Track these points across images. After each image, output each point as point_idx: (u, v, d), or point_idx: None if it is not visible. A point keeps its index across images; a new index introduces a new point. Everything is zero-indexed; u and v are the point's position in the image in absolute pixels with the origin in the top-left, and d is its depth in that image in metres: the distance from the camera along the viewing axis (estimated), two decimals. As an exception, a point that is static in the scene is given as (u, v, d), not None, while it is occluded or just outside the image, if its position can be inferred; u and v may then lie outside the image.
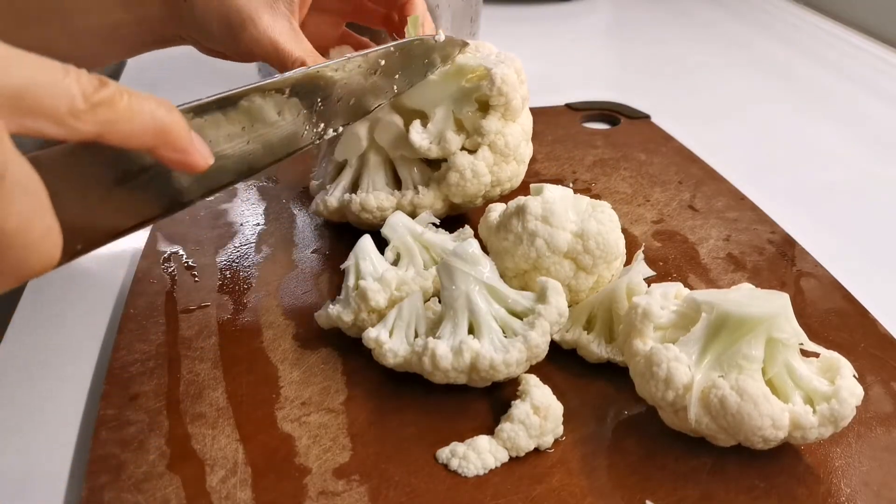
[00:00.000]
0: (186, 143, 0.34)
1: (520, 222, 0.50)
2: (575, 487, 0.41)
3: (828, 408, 0.40)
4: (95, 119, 0.30)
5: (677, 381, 0.40)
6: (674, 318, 0.44)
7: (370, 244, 0.51)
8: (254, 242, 0.61)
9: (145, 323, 0.52)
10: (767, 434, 0.39)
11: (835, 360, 0.42)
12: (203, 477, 0.41)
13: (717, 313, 0.41)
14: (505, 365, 0.43)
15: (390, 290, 0.48)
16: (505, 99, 0.55)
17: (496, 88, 0.55)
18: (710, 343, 0.41)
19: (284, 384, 0.47)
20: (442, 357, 0.43)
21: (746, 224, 0.64)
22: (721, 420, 0.40)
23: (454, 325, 0.45)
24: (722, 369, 0.41)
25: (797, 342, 0.41)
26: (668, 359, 0.41)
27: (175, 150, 0.34)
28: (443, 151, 0.57)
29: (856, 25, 1.17)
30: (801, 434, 0.40)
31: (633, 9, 1.30)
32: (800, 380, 0.41)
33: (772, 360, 0.41)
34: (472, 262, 0.46)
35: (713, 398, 0.40)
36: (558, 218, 0.50)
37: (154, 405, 0.46)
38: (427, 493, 0.40)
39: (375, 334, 0.46)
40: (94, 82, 0.30)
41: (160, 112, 0.33)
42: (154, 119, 0.32)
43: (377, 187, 0.58)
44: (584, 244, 0.49)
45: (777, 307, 0.41)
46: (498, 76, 0.55)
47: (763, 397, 0.39)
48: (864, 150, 0.82)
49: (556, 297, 0.46)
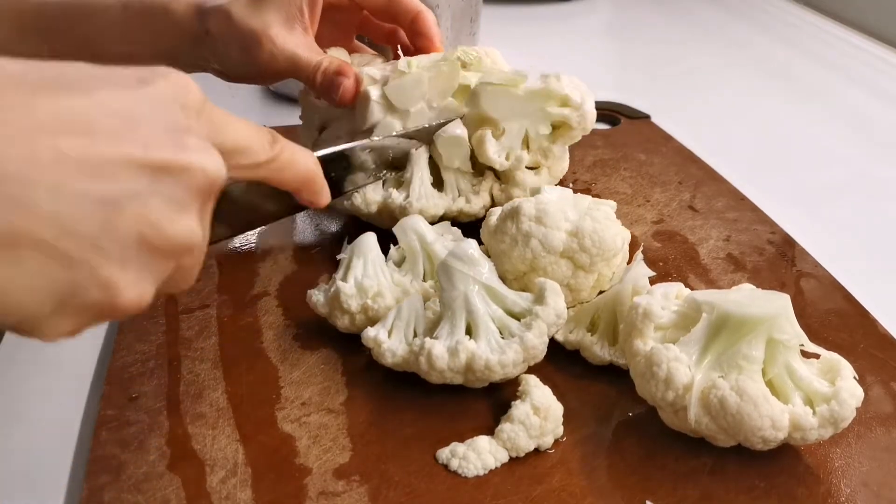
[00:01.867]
0: (321, 188, 0.42)
1: (514, 224, 0.50)
2: (575, 487, 0.41)
3: (828, 409, 0.40)
4: (269, 167, 0.37)
5: (677, 381, 0.40)
6: (674, 318, 0.44)
7: (372, 242, 0.51)
8: (254, 242, 0.61)
9: (145, 323, 0.52)
10: (767, 434, 0.39)
11: (835, 361, 0.42)
12: (203, 477, 0.41)
13: (717, 313, 0.41)
14: (501, 366, 0.43)
15: (365, 298, 0.48)
16: (582, 132, 0.60)
17: (583, 123, 0.59)
18: (710, 343, 0.41)
19: (284, 384, 0.47)
20: (438, 357, 0.43)
21: (746, 224, 0.64)
22: (721, 420, 0.40)
23: (452, 326, 0.45)
24: (722, 370, 0.41)
25: (798, 343, 0.41)
26: (668, 359, 0.41)
27: (313, 193, 0.42)
28: (512, 167, 0.59)
29: (856, 25, 1.17)
30: (800, 435, 0.40)
31: (633, 9, 1.30)
32: (800, 381, 0.41)
33: (772, 360, 0.41)
34: (471, 263, 0.45)
35: (713, 398, 0.40)
36: (552, 218, 0.50)
37: (154, 405, 0.46)
38: (427, 494, 0.40)
39: (374, 333, 0.46)
40: (270, 138, 0.37)
41: (310, 163, 0.40)
42: (306, 169, 0.40)
43: (426, 189, 0.59)
44: (579, 242, 0.49)
45: (778, 308, 0.41)
46: (589, 113, 0.59)
47: (763, 398, 0.39)
48: (864, 150, 0.82)
49: (554, 298, 0.45)
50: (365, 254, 0.51)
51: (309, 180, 0.41)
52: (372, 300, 0.48)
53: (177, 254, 0.31)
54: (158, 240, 0.30)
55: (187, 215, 0.31)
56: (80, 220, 0.28)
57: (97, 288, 0.29)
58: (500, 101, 0.58)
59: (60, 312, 0.29)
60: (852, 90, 0.98)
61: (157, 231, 0.30)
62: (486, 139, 0.58)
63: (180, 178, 0.30)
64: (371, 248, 0.51)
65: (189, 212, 0.31)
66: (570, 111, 0.58)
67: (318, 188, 0.42)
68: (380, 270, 0.50)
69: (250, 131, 0.36)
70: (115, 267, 0.29)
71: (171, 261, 0.31)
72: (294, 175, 0.39)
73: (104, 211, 0.28)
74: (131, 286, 0.30)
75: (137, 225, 0.29)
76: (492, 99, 0.58)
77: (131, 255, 0.29)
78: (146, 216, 0.29)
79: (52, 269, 0.28)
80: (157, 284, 0.31)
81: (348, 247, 0.51)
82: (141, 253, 0.30)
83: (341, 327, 0.50)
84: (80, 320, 0.30)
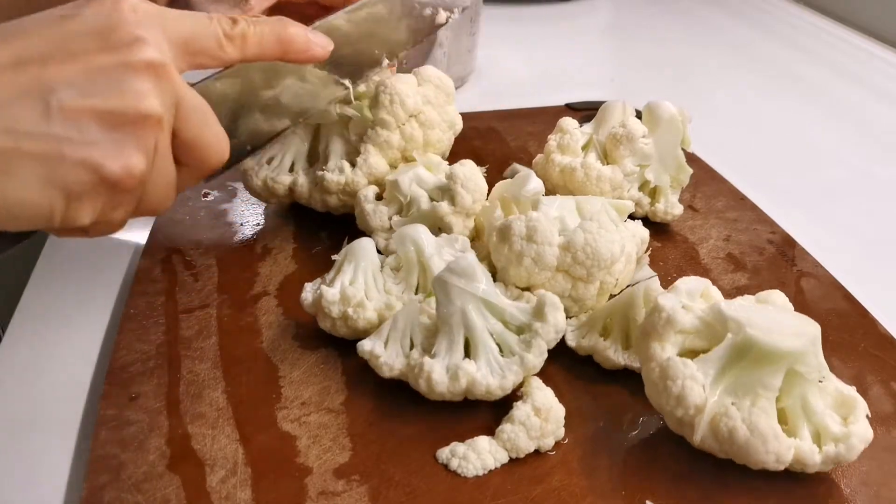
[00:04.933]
0: (305, 43, 0.46)
1: (506, 244, 0.49)
2: (575, 488, 0.41)
3: (834, 450, 0.39)
4: (235, 48, 0.42)
5: (690, 400, 0.39)
6: (697, 324, 0.42)
7: (367, 248, 0.50)
8: (254, 242, 0.61)
9: (145, 323, 0.52)
10: (769, 466, 0.39)
11: (851, 397, 0.41)
12: (203, 477, 0.41)
13: (743, 337, 0.40)
14: (501, 390, 0.43)
15: (346, 306, 0.48)
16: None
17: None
18: (730, 367, 0.40)
19: (284, 384, 0.47)
20: (438, 382, 0.43)
21: (746, 224, 0.64)
22: (726, 447, 0.39)
23: (450, 342, 0.44)
24: (736, 395, 0.39)
25: (819, 376, 0.40)
26: (684, 376, 0.40)
27: (298, 52, 0.46)
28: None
29: (856, 25, 1.17)
30: (801, 468, 0.40)
31: (633, 9, 1.30)
32: (812, 415, 0.40)
33: (789, 391, 0.40)
34: (468, 277, 0.44)
35: (723, 427, 0.39)
36: (542, 234, 0.49)
37: (154, 405, 0.46)
38: (427, 493, 0.40)
39: (370, 347, 0.46)
40: (229, 22, 0.42)
41: (278, 27, 0.45)
42: (276, 34, 0.44)
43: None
44: (573, 256, 0.49)
45: (807, 342, 0.39)
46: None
47: (773, 436, 0.38)
48: (864, 151, 0.82)
49: (554, 313, 0.45)
50: (357, 260, 0.50)
51: (285, 41, 0.45)
52: (353, 310, 0.48)
53: (139, 123, 0.37)
54: (113, 117, 0.36)
55: (137, 93, 0.36)
56: (26, 124, 0.34)
57: (79, 169, 0.36)
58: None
59: (72, 199, 0.36)
60: (852, 90, 0.98)
61: (108, 111, 0.36)
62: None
63: (117, 67, 0.36)
64: (364, 255, 0.50)
65: (137, 90, 0.37)
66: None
67: (303, 44, 0.46)
68: (370, 278, 0.50)
69: (196, 19, 0.41)
70: (83, 148, 0.35)
71: (142, 130, 0.37)
72: (269, 43, 0.44)
73: (45, 109, 0.35)
74: (108, 158, 0.36)
75: (84, 111, 0.35)
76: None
77: (94, 135, 0.36)
78: (89, 102, 0.35)
79: (33, 168, 0.35)
80: (142, 152, 0.37)
81: (345, 249, 0.51)
82: (105, 131, 0.36)
83: (325, 329, 0.50)
84: (96, 201, 0.37)
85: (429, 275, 0.50)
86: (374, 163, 0.58)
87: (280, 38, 0.45)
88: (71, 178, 0.36)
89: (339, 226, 0.62)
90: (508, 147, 0.77)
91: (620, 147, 0.61)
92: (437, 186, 0.56)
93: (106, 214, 0.38)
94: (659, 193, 0.62)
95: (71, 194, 0.36)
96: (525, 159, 0.71)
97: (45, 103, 0.35)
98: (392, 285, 0.50)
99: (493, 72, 0.99)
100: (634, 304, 0.48)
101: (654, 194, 0.63)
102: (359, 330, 0.48)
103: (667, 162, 0.62)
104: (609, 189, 0.60)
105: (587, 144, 0.63)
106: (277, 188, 0.60)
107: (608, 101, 0.64)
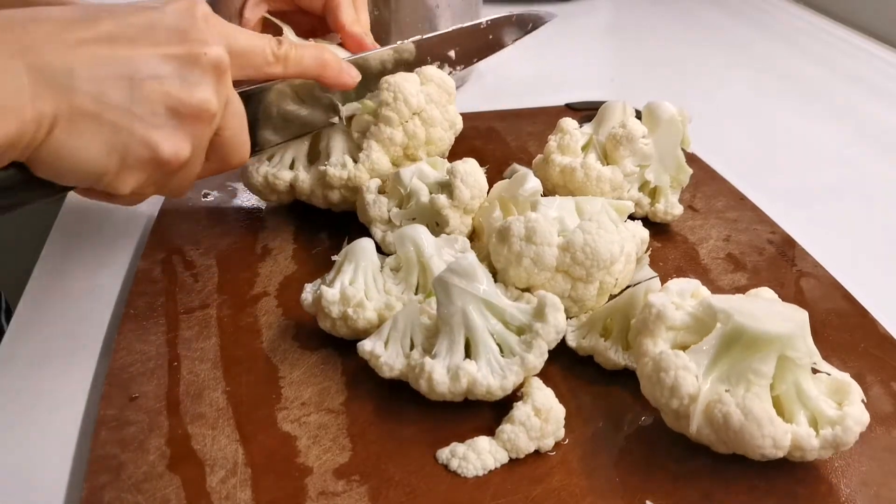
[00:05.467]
0: (338, 70, 0.54)
1: (505, 246, 0.49)
2: (575, 488, 0.41)
3: (831, 433, 0.39)
4: (279, 65, 0.50)
5: (683, 390, 0.40)
6: (688, 320, 0.43)
7: (367, 248, 0.50)
8: (254, 242, 0.61)
9: (145, 323, 0.52)
10: (767, 452, 0.39)
11: (845, 382, 0.41)
12: (203, 477, 0.41)
13: (732, 326, 0.40)
14: (502, 390, 0.43)
15: (346, 306, 0.48)
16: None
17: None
18: (721, 355, 0.40)
19: (284, 384, 0.47)
20: (439, 382, 0.43)
21: (746, 224, 0.64)
22: (722, 434, 0.39)
23: (450, 342, 0.44)
24: (730, 383, 0.40)
25: (810, 362, 0.40)
26: (676, 366, 0.40)
27: (331, 76, 0.54)
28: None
29: (856, 25, 1.17)
30: (801, 454, 0.40)
31: (633, 9, 1.30)
32: (807, 400, 0.40)
33: (781, 377, 0.40)
34: (469, 278, 0.44)
35: (717, 413, 0.39)
36: (541, 235, 0.49)
37: (154, 405, 0.46)
38: (427, 493, 0.40)
39: (370, 347, 0.46)
40: (276, 43, 0.50)
41: (318, 53, 0.53)
42: (315, 59, 0.53)
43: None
44: (572, 256, 0.49)
45: (795, 327, 0.40)
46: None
47: (768, 420, 0.38)
48: (864, 151, 0.82)
49: (554, 314, 0.44)
50: (357, 260, 0.50)
51: (321, 66, 0.53)
52: (353, 310, 0.48)
53: (197, 116, 0.43)
54: (180, 106, 0.42)
55: (201, 88, 0.43)
56: (114, 97, 0.40)
57: (141, 145, 0.41)
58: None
59: (125, 168, 0.42)
60: (852, 90, 0.97)
61: (177, 99, 0.42)
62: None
63: (189, 62, 0.43)
64: (364, 255, 0.50)
65: (202, 85, 0.43)
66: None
67: (336, 71, 0.54)
68: (370, 278, 0.50)
69: (251, 36, 0.48)
70: (150, 128, 0.41)
71: (197, 123, 0.43)
72: (308, 65, 0.52)
73: (130, 87, 0.41)
74: (166, 141, 0.42)
75: (159, 96, 0.41)
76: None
77: (161, 120, 0.42)
78: (165, 88, 0.42)
79: (105, 135, 0.40)
80: (191, 142, 0.44)
81: (345, 249, 0.51)
82: (169, 117, 0.42)
83: (325, 329, 0.50)
84: (141, 175, 0.43)
85: (429, 275, 0.50)
86: (376, 158, 0.59)
87: (318, 61, 0.53)
88: (131, 150, 0.41)
89: (338, 226, 0.62)
90: (508, 147, 0.77)
91: (620, 147, 0.61)
92: (438, 181, 0.56)
93: (142, 188, 0.44)
94: (659, 194, 0.62)
95: (125, 164, 0.42)
96: (525, 159, 0.71)
97: (130, 82, 0.41)
98: (392, 285, 0.50)
99: (494, 72, 0.99)
100: (635, 304, 0.48)
101: (654, 194, 0.63)
102: (359, 330, 0.48)
103: (667, 162, 0.62)
104: (609, 189, 0.60)
105: (587, 145, 0.63)
106: (278, 184, 0.60)
107: (608, 102, 0.64)
